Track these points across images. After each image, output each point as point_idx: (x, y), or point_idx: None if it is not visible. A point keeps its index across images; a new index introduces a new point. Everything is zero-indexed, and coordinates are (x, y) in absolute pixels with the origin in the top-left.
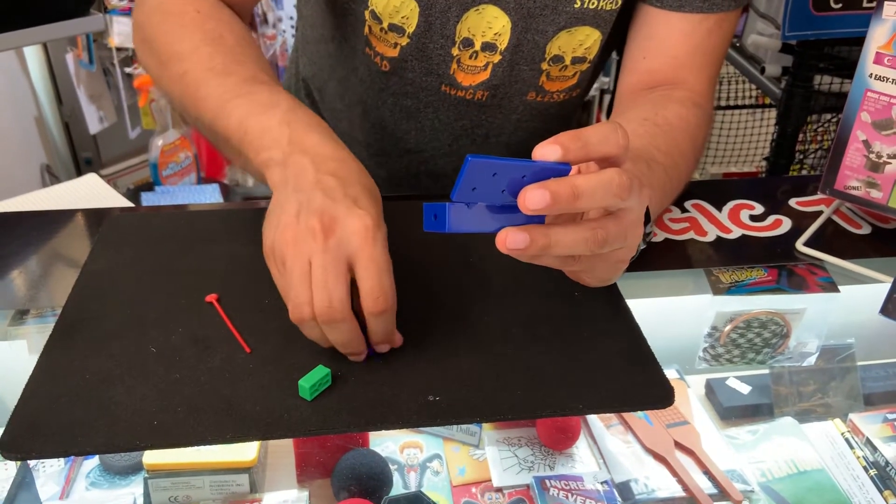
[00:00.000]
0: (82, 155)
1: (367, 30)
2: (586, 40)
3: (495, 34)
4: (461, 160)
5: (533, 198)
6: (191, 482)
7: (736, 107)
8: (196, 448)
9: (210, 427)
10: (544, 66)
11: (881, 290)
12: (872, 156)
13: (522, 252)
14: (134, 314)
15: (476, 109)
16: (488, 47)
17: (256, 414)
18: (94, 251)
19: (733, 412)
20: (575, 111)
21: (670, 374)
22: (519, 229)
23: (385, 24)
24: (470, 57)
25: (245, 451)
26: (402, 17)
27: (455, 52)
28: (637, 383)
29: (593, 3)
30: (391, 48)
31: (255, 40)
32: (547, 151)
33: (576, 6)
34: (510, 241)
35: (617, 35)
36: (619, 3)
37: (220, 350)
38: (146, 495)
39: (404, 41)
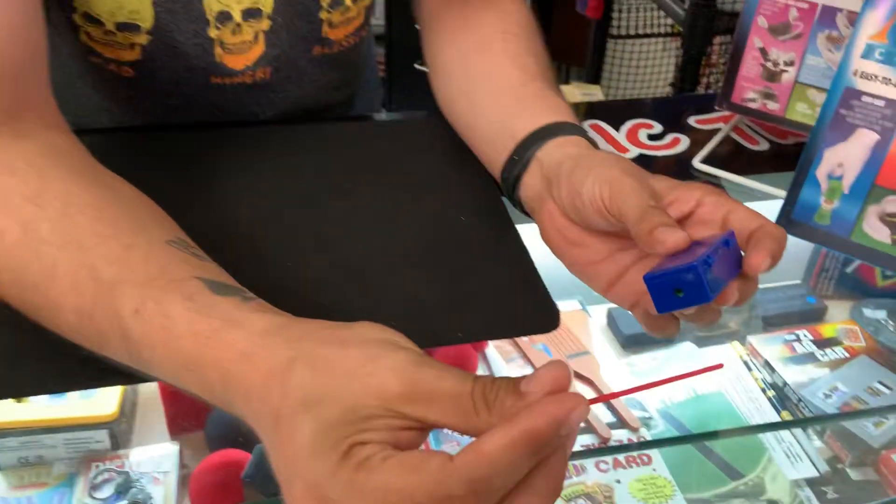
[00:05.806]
0: None
1: (84, 36)
2: None
3: None
4: None
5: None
6: (42, 440)
7: (647, 35)
8: (48, 403)
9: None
10: (323, 14)
11: (778, 206)
12: (769, 64)
13: None
14: None
15: (262, 90)
16: (251, 14)
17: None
18: None
19: (634, 340)
20: (364, 48)
21: (573, 305)
22: None
23: (109, 26)
24: (233, 33)
25: (104, 405)
26: (131, 12)
27: (213, 33)
28: (522, 309)
29: None
30: (128, 50)
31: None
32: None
33: None
34: None
35: None
36: None
37: None
38: None
39: (143, 39)
